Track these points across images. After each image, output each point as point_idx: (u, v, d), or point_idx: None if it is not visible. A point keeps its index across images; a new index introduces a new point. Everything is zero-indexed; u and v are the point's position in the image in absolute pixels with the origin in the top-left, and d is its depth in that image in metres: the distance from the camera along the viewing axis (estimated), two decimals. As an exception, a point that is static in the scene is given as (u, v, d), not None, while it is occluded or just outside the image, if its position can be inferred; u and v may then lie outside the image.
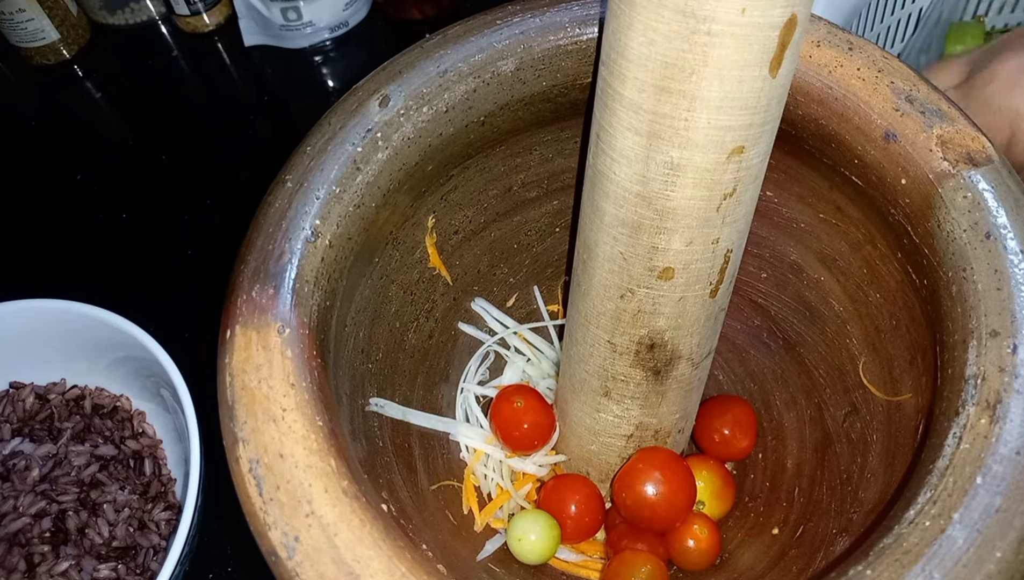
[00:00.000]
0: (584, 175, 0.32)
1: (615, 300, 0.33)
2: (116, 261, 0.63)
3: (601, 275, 0.32)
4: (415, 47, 0.34)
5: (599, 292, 0.33)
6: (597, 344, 0.35)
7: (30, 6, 0.70)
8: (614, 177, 0.29)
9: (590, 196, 0.31)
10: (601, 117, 0.29)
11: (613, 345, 0.34)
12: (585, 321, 0.35)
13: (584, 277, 0.34)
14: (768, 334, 0.43)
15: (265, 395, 0.26)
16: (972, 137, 0.30)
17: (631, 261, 0.31)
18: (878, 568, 0.24)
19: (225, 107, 0.74)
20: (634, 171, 0.28)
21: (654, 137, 0.27)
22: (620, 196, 0.29)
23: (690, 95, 0.25)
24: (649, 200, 0.29)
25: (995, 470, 0.24)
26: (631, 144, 0.28)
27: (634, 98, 0.27)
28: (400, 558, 0.24)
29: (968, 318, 0.28)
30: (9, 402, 0.51)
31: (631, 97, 0.27)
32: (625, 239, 0.30)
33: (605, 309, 0.33)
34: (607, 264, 0.32)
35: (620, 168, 0.29)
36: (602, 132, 0.29)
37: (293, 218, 0.29)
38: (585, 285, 0.34)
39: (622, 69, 0.26)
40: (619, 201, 0.29)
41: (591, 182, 0.31)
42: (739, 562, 0.39)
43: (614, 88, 0.27)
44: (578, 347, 0.36)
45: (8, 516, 0.46)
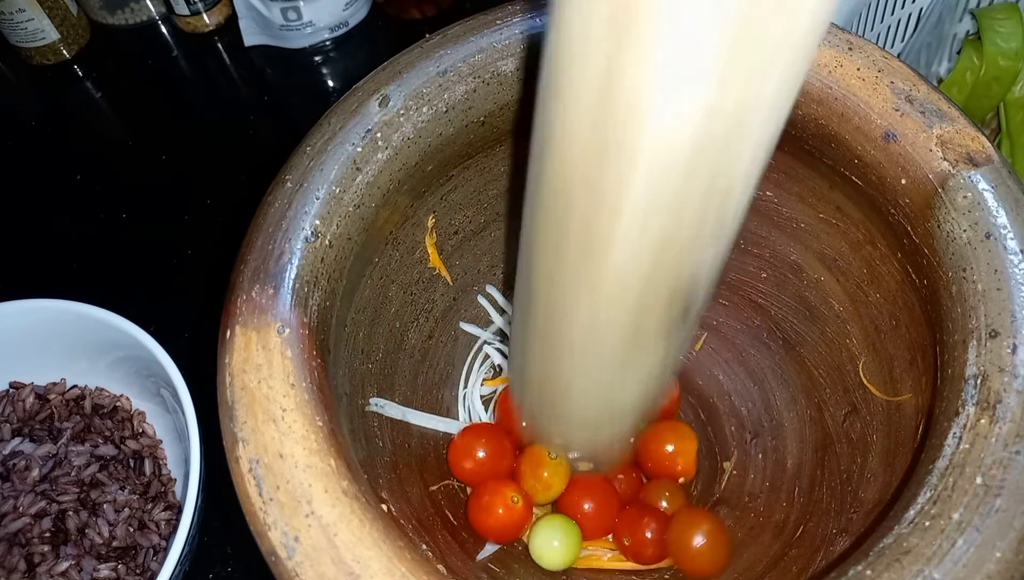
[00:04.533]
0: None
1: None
2: (116, 261, 0.63)
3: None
4: (415, 47, 0.34)
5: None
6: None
7: (30, 6, 0.70)
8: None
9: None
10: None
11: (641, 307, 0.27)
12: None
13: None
14: (768, 334, 0.43)
15: (265, 395, 0.26)
16: (972, 137, 0.30)
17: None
18: (878, 568, 0.24)
19: (225, 107, 0.74)
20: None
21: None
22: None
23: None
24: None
25: (995, 470, 0.24)
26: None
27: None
28: (400, 558, 0.24)
29: (968, 318, 0.28)
30: (9, 402, 0.51)
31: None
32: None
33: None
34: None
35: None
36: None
37: (293, 218, 0.29)
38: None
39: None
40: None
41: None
42: (739, 562, 0.39)
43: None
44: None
45: (8, 516, 0.46)
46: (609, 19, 0.19)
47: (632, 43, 0.19)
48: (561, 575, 0.41)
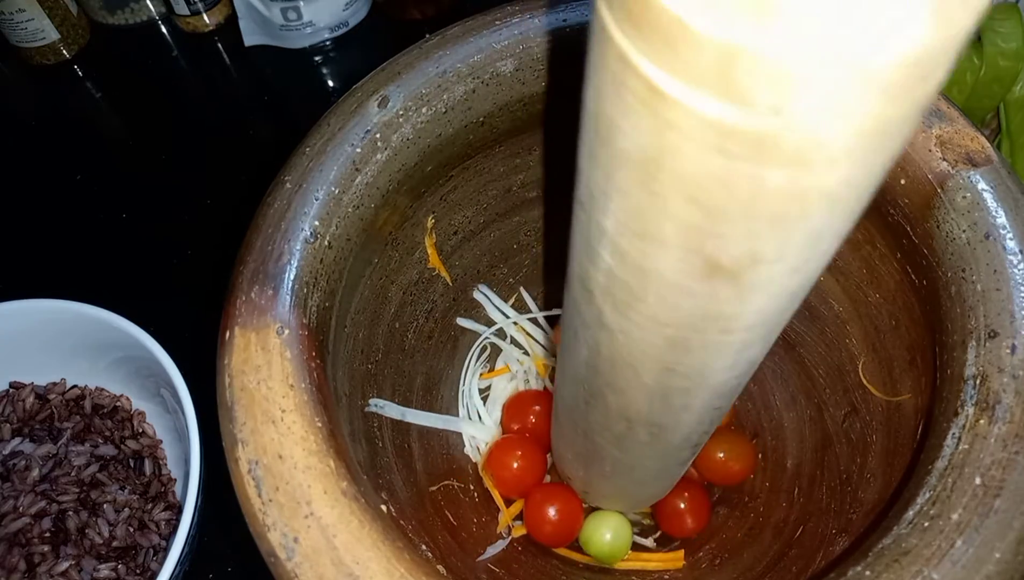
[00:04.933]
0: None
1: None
2: (116, 261, 0.63)
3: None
4: (414, 48, 0.34)
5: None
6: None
7: (30, 6, 0.70)
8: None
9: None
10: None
11: (696, 446, 0.32)
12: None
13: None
14: (768, 334, 0.43)
15: (264, 396, 0.26)
16: (971, 137, 0.30)
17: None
18: (877, 568, 0.24)
19: (225, 107, 0.74)
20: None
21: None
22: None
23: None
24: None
25: (994, 471, 0.24)
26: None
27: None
28: (399, 559, 0.24)
29: (967, 318, 0.28)
30: (9, 402, 0.51)
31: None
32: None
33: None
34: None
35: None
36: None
37: (292, 219, 0.29)
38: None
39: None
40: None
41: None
42: (739, 562, 0.39)
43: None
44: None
45: (8, 516, 0.46)
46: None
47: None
48: (562, 576, 0.41)
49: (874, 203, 0.32)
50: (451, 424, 0.42)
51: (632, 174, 0.16)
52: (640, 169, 0.16)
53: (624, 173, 0.17)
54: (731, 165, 0.14)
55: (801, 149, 0.13)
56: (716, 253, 0.17)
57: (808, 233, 0.16)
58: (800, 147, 0.13)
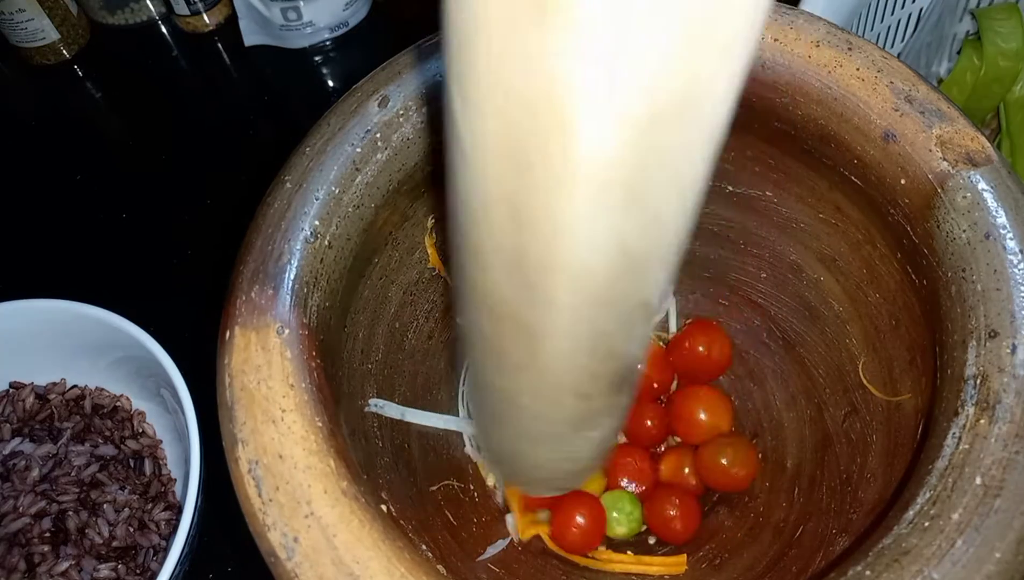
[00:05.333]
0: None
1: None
2: (116, 261, 0.63)
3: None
4: (415, 47, 0.34)
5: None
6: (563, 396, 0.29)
7: (30, 6, 0.70)
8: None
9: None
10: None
11: (584, 393, 0.29)
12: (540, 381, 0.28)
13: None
14: (768, 334, 0.43)
15: (264, 396, 0.26)
16: (971, 137, 0.30)
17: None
18: (877, 568, 0.24)
19: (225, 107, 0.74)
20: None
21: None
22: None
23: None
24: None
25: (994, 471, 0.24)
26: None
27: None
28: (399, 559, 0.24)
29: (967, 318, 0.28)
30: (9, 402, 0.51)
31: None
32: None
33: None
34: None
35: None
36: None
37: (292, 219, 0.29)
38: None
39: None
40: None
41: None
42: (739, 562, 0.39)
43: None
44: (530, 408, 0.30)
45: (8, 516, 0.46)
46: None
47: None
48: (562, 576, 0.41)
49: (874, 203, 0.32)
50: (451, 424, 0.42)
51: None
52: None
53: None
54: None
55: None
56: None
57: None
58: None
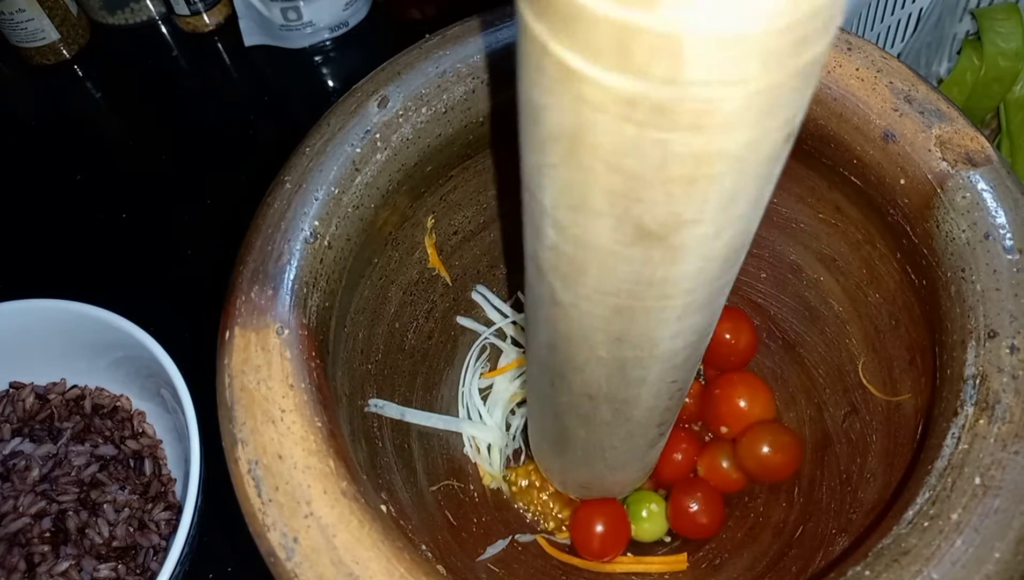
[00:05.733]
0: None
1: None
2: (116, 261, 0.63)
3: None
4: (414, 48, 0.34)
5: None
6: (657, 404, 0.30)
7: (30, 6, 0.70)
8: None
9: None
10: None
11: (661, 423, 0.33)
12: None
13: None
14: (768, 334, 0.43)
15: (264, 396, 0.26)
16: (971, 137, 0.30)
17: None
18: (876, 568, 0.24)
19: (225, 107, 0.74)
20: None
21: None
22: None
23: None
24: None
25: (993, 471, 0.24)
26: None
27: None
28: (399, 559, 0.24)
29: (967, 318, 0.28)
30: (9, 402, 0.51)
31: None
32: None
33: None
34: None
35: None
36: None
37: (292, 219, 0.29)
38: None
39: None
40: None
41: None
42: (739, 562, 0.39)
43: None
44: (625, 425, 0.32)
45: (8, 516, 0.46)
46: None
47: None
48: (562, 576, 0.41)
49: (874, 203, 0.32)
50: (451, 424, 0.42)
51: (559, 149, 0.18)
52: (564, 144, 0.18)
53: (552, 150, 0.18)
54: (640, 133, 0.16)
55: (697, 114, 0.15)
56: (641, 217, 0.18)
57: (721, 195, 0.18)
58: (696, 112, 0.15)
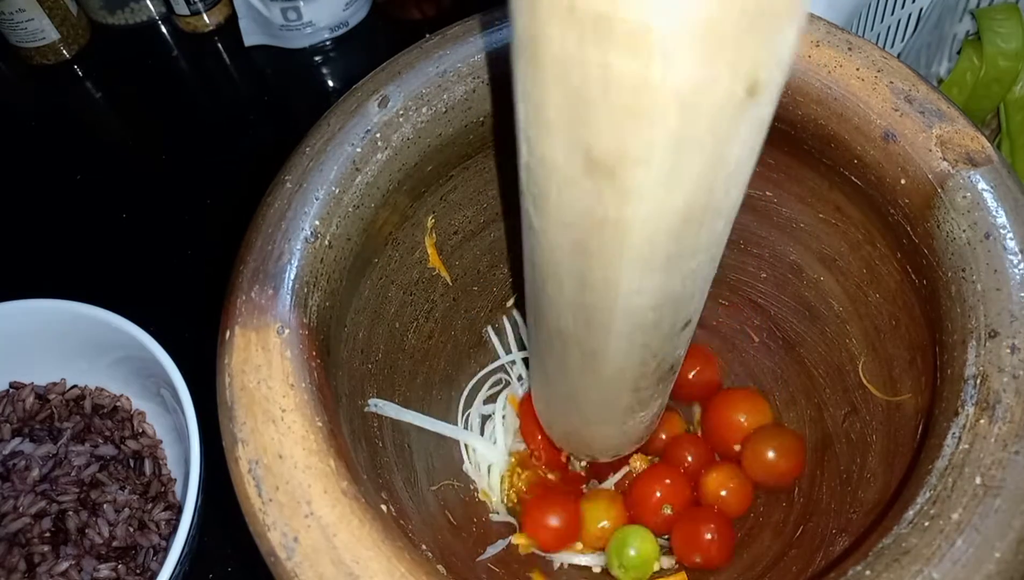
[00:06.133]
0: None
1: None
2: (116, 261, 0.63)
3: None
4: (415, 47, 0.34)
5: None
6: (627, 369, 0.30)
7: (30, 6, 0.70)
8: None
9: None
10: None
11: (636, 388, 0.32)
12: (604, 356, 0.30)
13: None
14: (768, 334, 0.43)
15: (264, 396, 0.26)
16: (971, 137, 0.30)
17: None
18: (877, 568, 0.24)
19: (225, 107, 0.74)
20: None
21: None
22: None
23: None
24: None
25: (994, 470, 0.24)
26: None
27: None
28: (399, 559, 0.24)
29: (967, 318, 0.28)
30: (9, 402, 0.51)
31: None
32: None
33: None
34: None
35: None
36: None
37: (292, 219, 0.29)
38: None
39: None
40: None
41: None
42: (739, 562, 0.39)
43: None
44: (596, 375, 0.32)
45: (8, 516, 0.46)
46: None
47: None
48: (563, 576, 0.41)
49: (874, 203, 0.32)
50: (448, 431, 0.42)
51: (524, 59, 0.19)
52: (527, 53, 0.18)
53: (520, 59, 0.19)
54: (582, 46, 0.16)
55: (635, 33, 0.15)
56: (590, 144, 0.19)
57: (667, 137, 0.18)
58: (633, 30, 0.15)
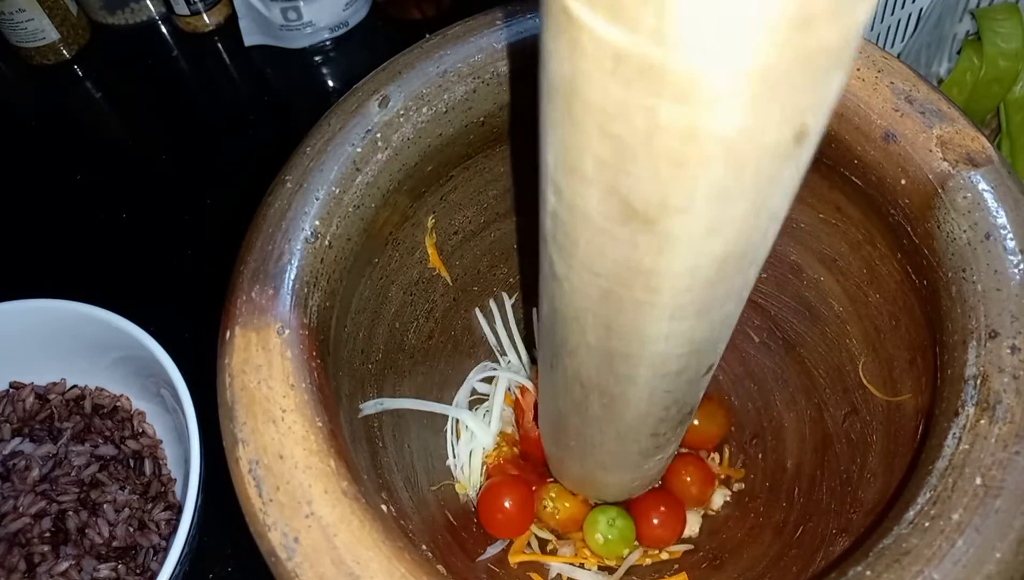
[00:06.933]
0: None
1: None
2: (116, 261, 0.63)
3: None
4: (415, 47, 0.34)
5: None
6: (649, 417, 0.30)
7: (30, 6, 0.70)
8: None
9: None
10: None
11: (655, 434, 0.32)
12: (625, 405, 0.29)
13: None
14: (768, 334, 0.43)
15: (265, 396, 0.26)
16: (972, 137, 0.30)
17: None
18: (877, 568, 0.24)
19: (225, 107, 0.74)
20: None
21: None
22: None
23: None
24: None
25: (994, 471, 0.24)
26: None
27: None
28: (400, 559, 0.24)
29: (968, 318, 0.28)
30: (9, 402, 0.51)
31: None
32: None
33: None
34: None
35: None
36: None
37: (293, 219, 0.29)
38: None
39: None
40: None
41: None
42: (739, 562, 0.39)
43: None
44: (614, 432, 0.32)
45: (8, 516, 0.46)
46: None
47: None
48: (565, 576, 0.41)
49: (874, 203, 0.32)
50: (446, 410, 0.42)
51: (558, 102, 0.18)
52: (562, 97, 0.17)
53: (553, 101, 0.18)
54: (627, 94, 0.15)
55: (685, 81, 0.15)
56: (629, 193, 0.18)
57: (711, 185, 0.17)
58: (683, 79, 0.14)
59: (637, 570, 0.41)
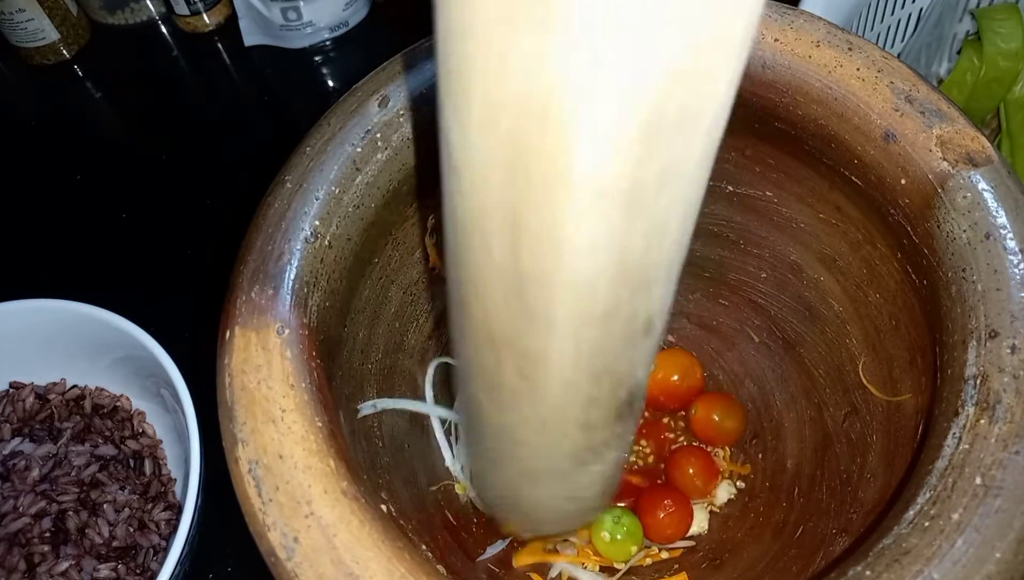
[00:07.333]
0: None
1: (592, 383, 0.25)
2: (116, 261, 0.63)
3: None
4: (415, 47, 0.34)
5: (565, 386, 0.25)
6: (565, 431, 0.27)
7: (30, 6, 0.70)
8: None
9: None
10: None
11: (587, 422, 0.27)
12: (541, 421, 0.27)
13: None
14: (768, 334, 0.43)
15: (264, 396, 0.26)
16: (972, 137, 0.30)
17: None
18: (877, 568, 0.24)
19: (225, 107, 0.74)
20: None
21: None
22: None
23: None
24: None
25: (994, 471, 0.24)
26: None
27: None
28: (399, 559, 0.24)
29: (968, 318, 0.28)
30: (9, 402, 0.51)
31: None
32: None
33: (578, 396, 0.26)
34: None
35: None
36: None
37: (292, 219, 0.29)
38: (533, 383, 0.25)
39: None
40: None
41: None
42: (739, 562, 0.39)
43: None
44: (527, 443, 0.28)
45: (8, 516, 0.46)
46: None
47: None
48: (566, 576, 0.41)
49: (874, 203, 0.32)
50: (421, 407, 0.41)
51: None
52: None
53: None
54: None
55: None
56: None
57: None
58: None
59: (637, 570, 0.41)
